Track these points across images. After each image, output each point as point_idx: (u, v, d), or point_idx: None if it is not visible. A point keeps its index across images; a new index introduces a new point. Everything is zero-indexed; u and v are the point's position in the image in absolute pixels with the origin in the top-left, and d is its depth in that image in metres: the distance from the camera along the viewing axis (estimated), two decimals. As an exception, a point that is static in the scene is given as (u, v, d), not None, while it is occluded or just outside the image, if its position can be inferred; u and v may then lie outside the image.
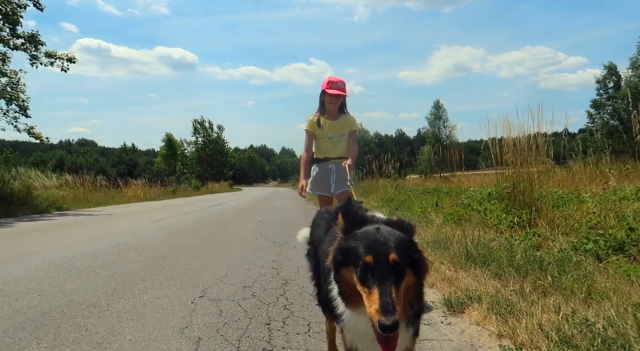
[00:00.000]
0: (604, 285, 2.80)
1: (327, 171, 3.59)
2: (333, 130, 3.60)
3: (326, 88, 3.52)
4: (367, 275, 1.13)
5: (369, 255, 1.15)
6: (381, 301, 1.07)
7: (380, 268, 1.13)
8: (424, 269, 1.25)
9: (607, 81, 43.86)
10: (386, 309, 1.05)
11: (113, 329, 2.35)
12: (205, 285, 3.39)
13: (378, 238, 1.20)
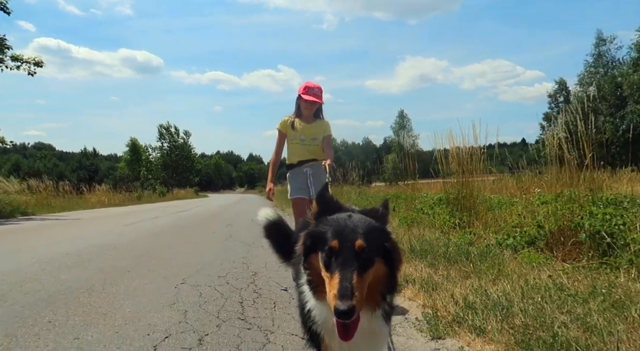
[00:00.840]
0: (511, 269, 3.53)
1: (303, 175, 3.58)
2: (306, 133, 3.58)
3: (302, 93, 3.51)
4: (331, 260, 1.11)
5: (335, 239, 1.13)
6: (340, 285, 1.04)
7: (345, 253, 1.10)
8: (397, 260, 1.22)
9: (557, 95, 46.90)
10: (343, 294, 1.02)
11: (113, 305, 2.85)
12: (185, 275, 3.89)
13: (347, 224, 1.17)
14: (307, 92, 3.51)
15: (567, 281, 3.11)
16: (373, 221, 1.22)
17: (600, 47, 41.31)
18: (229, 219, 10.81)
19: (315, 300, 1.22)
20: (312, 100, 3.49)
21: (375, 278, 1.15)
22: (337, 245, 1.11)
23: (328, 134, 3.67)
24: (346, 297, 1.01)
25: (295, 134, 3.59)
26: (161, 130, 60.15)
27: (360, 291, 1.06)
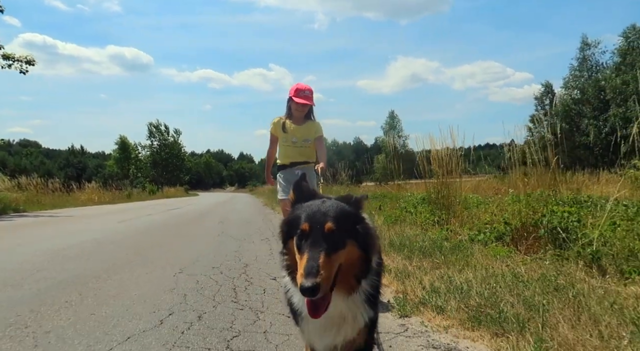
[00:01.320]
0: (477, 261, 3.94)
1: (294, 176, 3.53)
2: (297, 134, 3.60)
3: (293, 95, 3.53)
4: (302, 242, 1.16)
5: (305, 222, 1.18)
6: (307, 264, 1.08)
7: (315, 235, 1.15)
8: (370, 243, 1.25)
9: (544, 98, 47.82)
10: (309, 272, 1.06)
11: (120, 289, 3.19)
12: (181, 266, 4.24)
13: (320, 209, 1.22)
14: (298, 94, 3.52)
15: (523, 270, 3.52)
16: (346, 206, 1.26)
17: (585, 51, 42.28)
18: (221, 217, 11.13)
19: (293, 283, 1.27)
20: (303, 103, 3.51)
21: (349, 261, 1.18)
22: (307, 227, 1.16)
23: (320, 135, 3.68)
24: (311, 275, 1.05)
25: (286, 136, 3.61)
26: (151, 128, 59.89)
27: (327, 270, 1.09)
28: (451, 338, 2.37)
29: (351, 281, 1.22)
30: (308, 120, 3.67)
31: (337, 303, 1.22)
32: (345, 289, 1.22)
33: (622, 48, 37.53)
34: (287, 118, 3.63)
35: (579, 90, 41.67)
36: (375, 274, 1.33)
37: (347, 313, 1.28)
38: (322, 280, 1.06)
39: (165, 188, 45.83)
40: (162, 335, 2.29)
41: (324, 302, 1.14)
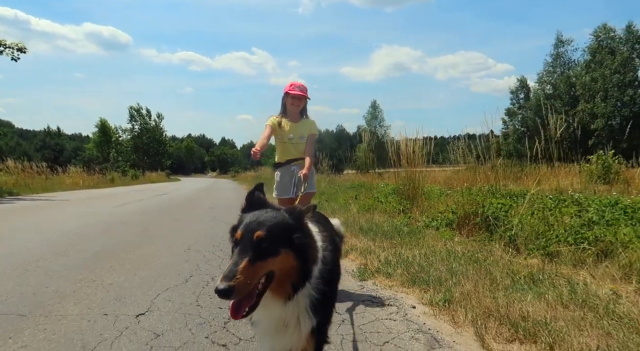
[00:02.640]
0: (425, 242, 4.98)
1: (291, 173, 3.69)
2: (294, 131, 3.67)
3: (288, 90, 3.64)
4: (233, 249, 1.24)
5: (239, 231, 1.25)
6: (227, 268, 1.16)
7: (244, 242, 1.21)
8: (308, 253, 1.31)
9: (518, 92, 49.52)
10: (225, 275, 1.13)
11: (146, 259, 4.12)
12: (188, 244, 5.16)
13: (258, 218, 1.28)
14: (293, 89, 3.63)
15: (459, 248, 4.58)
16: (287, 216, 1.31)
17: (559, 48, 44.00)
18: (209, 203, 11.98)
19: None
20: (299, 95, 3.61)
21: (283, 270, 1.25)
22: (239, 235, 1.24)
23: (313, 133, 3.77)
24: (226, 278, 1.12)
25: (282, 133, 3.67)
26: (132, 111, 59.36)
27: (246, 276, 1.15)
28: (392, 293, 3.39)
29: (286, 288, 1.29)
30: (303, 118, 3.77)
31: (274, 309, 1.30)
32: (281, 296, 1.29)
33: (593, 46, 39.31)
34: (283, 117, 3.71)
35: (552, 86, 43.51)
36: (324, 282, 1.40)
37: (289, 319, 1.36)
38: (237, 284, 1.12)
39: (147, 173, 45.91)
40: (189, 288, 3.24)
41: (245, 304, 1.21)
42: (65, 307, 2.79)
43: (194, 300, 2.95)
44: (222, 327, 2.48)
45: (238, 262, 1.17)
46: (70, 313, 2.68)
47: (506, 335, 2.38)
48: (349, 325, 2.66)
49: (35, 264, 3.98)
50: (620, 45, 37.72)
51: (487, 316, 2.62)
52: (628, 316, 2.51)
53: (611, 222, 4.74)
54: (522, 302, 2.80)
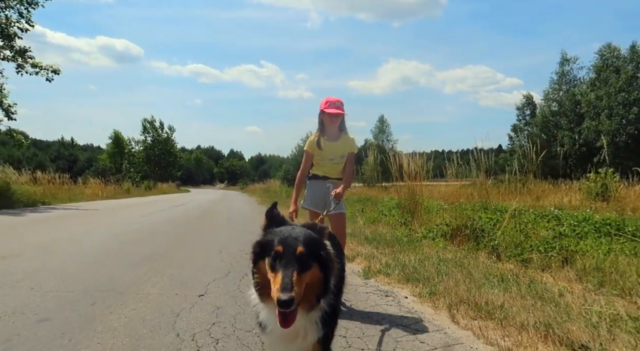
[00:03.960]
0: (422, 250, 5.82)
1: (325, 189, 3.66)
2: (334, 152, 3.63)
3: (325, 108, 3.55)
4: (276, 262, 1.35)
5: (279, 245, 1.37)
6: (282, 281, 1.28)
7: (288, 256, 1.34)
8: (330, 267, 1.46)
9: (525, 108, 50.23)
10: (285, 287, 1.25)
11: (188, 259, 5.03)
12: (219, 248, 6.04)
13: (291, 234, 1.42)
14: (329, 106, 3.54)
15: (449, 255, 5.41)
16: (312, 233, 1.44)
17: (564, 66, 44.82)
18: (226, 214, 12.91)
19: (261, 301, 1.44)
20: (335, 113, 3.53)
21: (312, 282, 1.37)
22: (281, 249, 1.34)
23: (353, 151, 3.71)
24: (287, 289, 1.24)
25: (322, 154, 3.63)
26: (145, 124, 60.97)
27: (298, 287, 1.28)
28: (390, 288, 4.23)
29: (312, 299, 1.40)
30: (342, 134, 3.69)
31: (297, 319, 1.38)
32: (306, 307, 1.40)
33: (598, 65, 40.10)
34: (321, 135, 3.64)
35: (557, 103, 44.23)
36: (333, 296, 1.52)
37: (300, 329, 1.47)
38: (295, 295, 1.24)
39: (159, 184, 47.07)
40: (230, 279, 4.13)
41: (293, 315, 1.32)
42: (146, 289, 3.72)
43: (236, 288, 3.84)
44: (261, 306, 3.37)
45: (289, 274, 1.29)
46: (151, 292, 3.60)
47: (471, 314, 3.21)
48: (355, 309, 3.51)
49: (108, 259, 4.98)
50: (625, 64, 38.43)
51: (459, 303, 3.46)
52: (566, 304, 3.34)
53: (581, 235, 5.57)
54: (489, 294, 3.64)
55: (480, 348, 2.65)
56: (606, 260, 4.42)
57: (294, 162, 48.62)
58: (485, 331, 2.87)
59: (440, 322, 3.16)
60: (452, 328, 3.02)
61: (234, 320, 2.96)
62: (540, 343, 2.62)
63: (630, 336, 2.64)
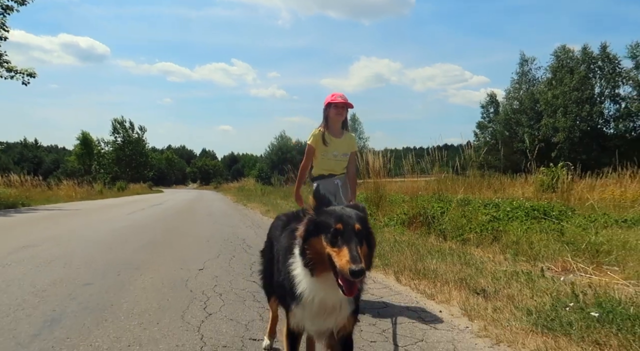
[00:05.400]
0: (382, 235, 6.81)
1: (334, 186, 3.68)
2: (338, 148, 3.64)
3: (331, 100, 3.55)
4: (337, 239, 1.46)
5: (339, 223, 1.49)
6: (350, 254, 1.40)
7: (348, 232, 1.47)
8: (373, 243, 1.63)
9: (489, 107, 52.57)
10: (354, 259, 1.38)
11: (182, 246, 5.84)
12: (205, 239, 6.86)
13: (345, 213, 1.55)
14: (335, 98, 3.56)
15: (404, 238, 6.42)
16: (359, 212, 1.61)
17: (523, 66, 47.29)
18: (205, 211, 13.61)
19: (312, 275, 1.54)
20: (342, 102, 3.54)
21: (363, 256, 1.47)
22: (341, 227, 1.48)
23: (354, 150, 3.80)
24: (357, 261, 1.37)
25: (327, 150, 3.62)
26: (115, 124, 60.05)
27: (363, 259, 1.42)
28: (353, 263, 5.20)
29: None
30: (345, 132, 3.73)
31: (337, 292, 1.50)
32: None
33: (554, 65, 42.62)
34: (326, 130, 3.64)
35: (518, 101, 46.65)
36: None
37: (339, 302, 1.61)
38: (363, 265, 1.38)
39: (131, 184, 46.61)
40: (222, 260, 4.99)
41: (357, 284, 1.48)
42: (156, 265, 4.59)
43: (228, 265, 4.72)
44: (250, 275, 4.24)
45: (354, 248, 1.41)
46: (160, 268, 4.45)
47: (411, 276, 4.21)
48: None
49: (115, 247, 5.80)
50: (578, 65, 41.05)
51: (404, 269, 4.45)
52: (484, 267, 4.38)
53: (513, 218, 6.71)
54: (428, 263, 4.65)
55: (412, 295, 3.65)
56: (523, 236, 5.54)
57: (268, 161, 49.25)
58: (418, 286, 3.88)
59: (387, 282, 4.15)
60: (396, 285, 4.02)
61: (231, 284, 3.85)
62: (454, 290, 3.64)
63: (519, 284, 3.69)
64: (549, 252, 4.83)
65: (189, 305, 3.20)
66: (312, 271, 1.53)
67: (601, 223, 6.20)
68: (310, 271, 1.53)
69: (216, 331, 2.66)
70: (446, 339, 2.67)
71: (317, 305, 1.59)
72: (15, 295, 3.40)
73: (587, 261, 4.35)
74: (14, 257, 5.00)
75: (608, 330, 2.56)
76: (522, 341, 2.57)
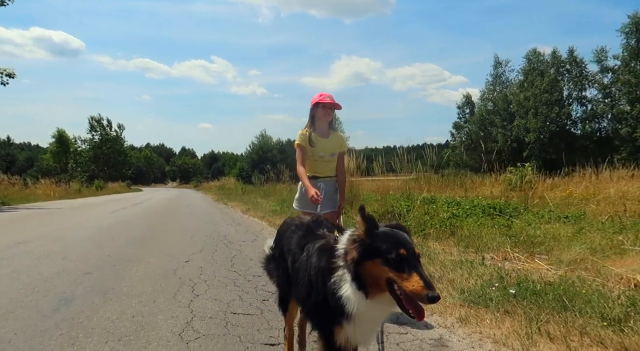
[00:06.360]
0: (352, 230, 7.46)
1: (317, 188, 3.52)
2: (325, 148, 3.59)
3: (319, 100, 3.52)
4: (401, 264, 1.48)
5: (402, 248, 1.51)
6: (424, 280, 1.44)
7: (412, 258, 1.51)
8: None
9: (464, 107, 54.05)
10: (429, 285, 1.43)
11: (168, 240, 6.34)
12: (190, 234, 7.35)
13: (402, 237, 1.58)
14: (323, 98, 3.53)
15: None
16: (407, 234, 1.64)
17: (497, 68, 48.86)
18: (187, 209, 14.01)
19: (366, 297, 1.54)
20: (330, 103, 3.52)
21: None
22: (404, 252, 1.50)
23: (344, 150, 3.72)
24: (433, 287, 1.43)
25: (313, 150, 3.57)
26: (92, 122, 59.15)
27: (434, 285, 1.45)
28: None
29: None
30: (332, 131, 3.68)
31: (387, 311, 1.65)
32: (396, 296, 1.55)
33: (525, 68, 44.29)
34: (312, 130, 3.59)
35: (492, 102, 48.20)
36: None
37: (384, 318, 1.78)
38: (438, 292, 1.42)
39: (109, 183, 46.15)
40: (205, 253, 5.52)
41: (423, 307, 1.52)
42: (146, 258, 5.08)
43: (211, 257, 5.26)
44: (231, 266, 4.80)
45: (424, 274, 1.47)
46: (152, 260, 4.97)
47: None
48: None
49: (106, 242, 6.27)
50: (548, 68, 42.75)
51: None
52: (436, 258, 5.04)
53: (470, 215, 7.44)
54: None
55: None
56: (475, 231, 6.26)
57: (249, 160, 49.39)
58: (378, 272, 4.50)
59: (352, 271, 4.76)
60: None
61: (214, 273, 4.40)
62: (407, 275, 4.28)
63: (462, 271, 4.36)
64: (494, 243, 5.53)
65: (179, 288, 3.74)
66: (367, 294, 1.55)
67: (545, 219, 6.98)
68: (365, 294, 1.55)
69: (203, 307, 3.22)
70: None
71: (369, 323, 1.67)
72: (27, 282, 3.89)
73: (524, 251, 5.07)
74: (14, 251, 5.44)
75: (518, 302, 3.24)
76: (450, 312, 3.22)
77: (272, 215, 10.66)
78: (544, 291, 3.36)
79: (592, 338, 2.59)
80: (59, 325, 2.80)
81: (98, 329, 2.74)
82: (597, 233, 5.50)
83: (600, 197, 9.41)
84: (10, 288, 3.67)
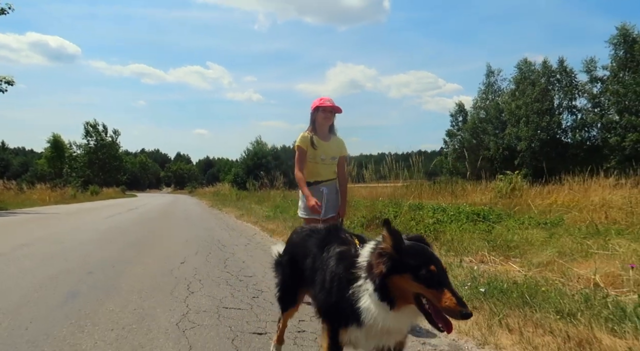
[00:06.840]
0: (342, 235, 7.77)
1: (319, 194, 3.55)
2: (326, 152, 3.58)
3: (320, 103, 3.53)
4: (433, 280, 1.50)
5: (432, 265, 1.52)
6: (456, 297, 1.46)
7: (442, 274, 1.53)
8: None
9: (457, 115, 54.71)
10: (462, 303, 1.45)
11: (166, 244, 6.62)
12: (185, 239, 7.63)
13: (429, 252, 1.61)
14: (324, 102, 3.55)
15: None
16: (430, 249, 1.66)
17: (489, 77, 49.64)
18: (182, 215, 14.26)
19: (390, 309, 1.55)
20: (331, 106, 3.54)
21: None
22: (435, 268, 1.51)
23: (344, 155, 3.73)
24: (466, 305, 1.45)
25: (315, 153, 3.56)
26: (88, 127, 59.17)
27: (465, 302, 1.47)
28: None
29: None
30: (332, 136, 3.69)
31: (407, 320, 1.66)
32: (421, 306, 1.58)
33: (517, 77, 45.07)
34: (313, 134, 3.59)
35: (484, 111, 48.88)
36: None
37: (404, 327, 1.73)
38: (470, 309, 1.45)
39: (104, 188, 46.18)
40: (199, 256, 5.81)
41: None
42: (143, 260, 5.37)
43: (205, 259, 5.55)
44: (224, 267, 5.09)
45: (455, 290, 1.50)
46: (149, 262, 5.25)
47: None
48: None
49: (105, 245, 6.53)
50: (538, 77, 43.51)
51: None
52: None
53: (454, 221, 7.78)
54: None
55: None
56: (457, 235, 6.60)
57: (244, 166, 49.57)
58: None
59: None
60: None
61: (208, 273, 4.70)
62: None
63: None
64: (474, 247, 5.87)
65: (175, 286, 4.04)
66: (392, 306, 1.55)
67: (525, 225, 7.33)
68: (390, 305, 1.55)
69: (198, 303, 3.52)
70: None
71: (381, 330, 1.63)
72: (35, 280, 4.17)
73: (500, 254, 5.41)
74: (17, 253, 5.72)
75: (486, 299, 3.56)
76: (423, 307, 3.53)
77: (265, 220, 10.96)
78: (509, 290, 3.70)
79: (545, 329, 2.92)
80: (68, 315, 3.10)
81: (104, 319, 3.03)
82: (569, 238, 5.86)
83: (583, 204, 9.80)
84: (19, 286, 3.95)
